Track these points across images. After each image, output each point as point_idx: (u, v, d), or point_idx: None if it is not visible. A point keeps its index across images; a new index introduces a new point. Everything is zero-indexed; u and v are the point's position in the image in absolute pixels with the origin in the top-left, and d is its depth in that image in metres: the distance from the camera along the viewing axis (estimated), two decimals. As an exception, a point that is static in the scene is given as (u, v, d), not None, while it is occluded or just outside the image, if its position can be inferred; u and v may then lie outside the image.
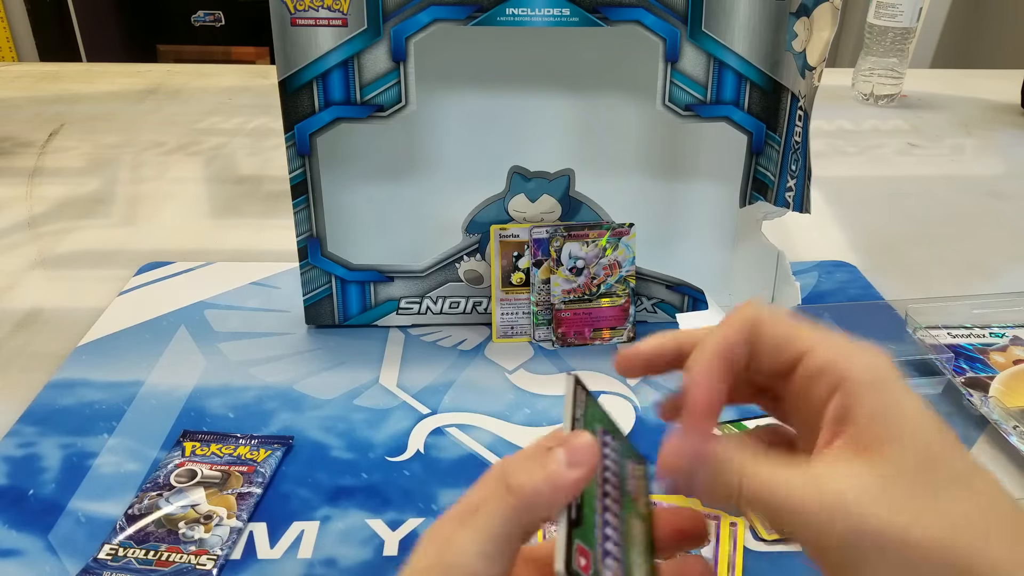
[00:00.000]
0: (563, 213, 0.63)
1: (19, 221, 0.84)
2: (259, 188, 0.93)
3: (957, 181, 0.97)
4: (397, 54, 0.56)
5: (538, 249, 0.62)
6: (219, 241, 0.81)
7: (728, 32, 0.57)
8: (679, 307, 0.66)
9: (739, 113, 0.60)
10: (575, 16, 0.55)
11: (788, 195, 0.61)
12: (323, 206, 0.61)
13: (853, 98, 1.23)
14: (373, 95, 0.57)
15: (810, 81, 0.57)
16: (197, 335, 0.64)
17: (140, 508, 0.47)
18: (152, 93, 1.23)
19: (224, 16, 2.57)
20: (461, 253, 0.64)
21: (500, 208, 0.62)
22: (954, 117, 1.17)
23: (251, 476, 0.49)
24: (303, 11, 0.54)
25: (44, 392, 0.58)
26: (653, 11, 0.56)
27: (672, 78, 0.58)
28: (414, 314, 0.65)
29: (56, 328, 0.66)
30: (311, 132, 0.58)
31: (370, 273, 0.64)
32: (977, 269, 0.77)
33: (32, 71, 1.35)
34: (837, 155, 1.04)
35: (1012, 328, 0.63)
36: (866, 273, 0.75)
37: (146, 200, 0.89)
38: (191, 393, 0.58)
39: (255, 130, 1.09)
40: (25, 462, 0.51)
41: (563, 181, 0.62)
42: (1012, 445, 0.52)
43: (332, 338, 0.65)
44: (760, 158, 0.62)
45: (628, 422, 0.55)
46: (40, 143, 1.04)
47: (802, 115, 0.58)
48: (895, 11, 1.13)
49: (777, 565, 0.44)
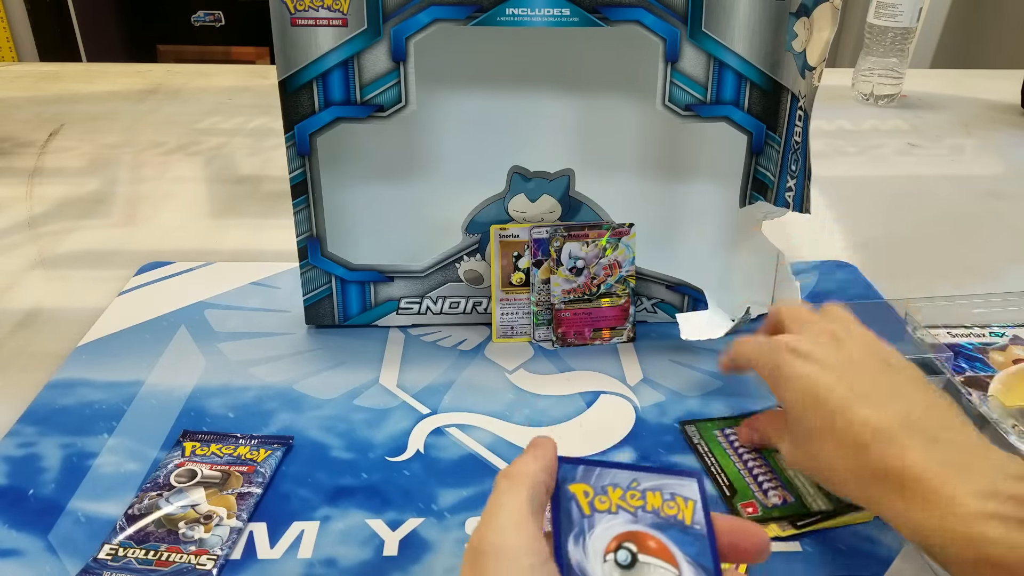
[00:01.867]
0: (563, 213, 0.63)
1: (19, 221, 0.84)
2: (259, 188, 0.93)
3: (957, 181, 0.97)
4: (397, 54, 0.56)
5: (538, 249, 0.62)
6: (219, 241, 0.81)
7: (728, 32, 0.57)
8: (679, 307, 0.66)
9: (739, 113, 0.60)
10: (575, 16, 0.55)
11: (788, 195, 0.61)
12: (323, 206, 0.61)
13: (853, 98, 1.23)
14: (373, 95, 0.57)
15: (810, 81, 0.57)
16: (197, 335, 0.64)
17: (140, 508, 0.47)
18: (152, 93, 1.23)
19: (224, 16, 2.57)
20: (461, 253, 0.64)
21: (500, 208, 0.62)
22: (954, 117, 1.17)
23: (251, 476, 0.49)
24: (303, 11, 0.54)
25: (44, 392, 0.58)
26: (653, 11, 0.56)
27: (672, 78, 0.58)
28: (414, 314, 0.65)
29: (56, 328, 0.66)
30: (311, 132, 0.58)
31: (370, 273, 0.64)
32: (977, 269, 0.77)
33: (32, 71, 1.35)
34: (837, 155, 1.04)
35: (1012, 328, 0.63)
36: (866, 273, 0.75)
37: (146, 200, 0.89)
38: (191, 393, 0.58)
39: (255, 130, 1.09)
40: (25, 462, 0.51)
41: (563, 181, 0.62)
42: (1012, 444, 0.52)
43: (332, 338, 0.65)
44: (760, 158, 0.62)
45: (628, 423, 0.55)
46: (40, 143, 1.04)
47: (802, 115, 0.58)
48: (895, 11, 1.13)
49: (778, 565, 0.44)
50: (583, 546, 0.32)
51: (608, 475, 0.34)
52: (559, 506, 0.33)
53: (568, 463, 0.35)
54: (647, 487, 0.34)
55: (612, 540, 0.32)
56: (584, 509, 0.33)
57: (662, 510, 0.33)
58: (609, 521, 0.33)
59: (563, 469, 0.34)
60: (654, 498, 0.34)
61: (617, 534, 0.32)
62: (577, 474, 0.34)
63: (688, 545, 0.32)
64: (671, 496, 0.34)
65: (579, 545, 0.32)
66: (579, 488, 0.34)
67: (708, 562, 0.32)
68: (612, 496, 0.34)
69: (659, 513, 0.33)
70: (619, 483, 0.34)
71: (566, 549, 0.32)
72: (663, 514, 0.33)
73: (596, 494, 0.34)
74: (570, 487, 0.34)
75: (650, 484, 0.34)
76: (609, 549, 0.32)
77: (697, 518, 0.33)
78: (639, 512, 0.33)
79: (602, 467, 0.34)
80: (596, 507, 0.33)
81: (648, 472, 0.35)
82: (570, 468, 0.35)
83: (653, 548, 0.32)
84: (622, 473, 0.34)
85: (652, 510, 0.33)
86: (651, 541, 0.32)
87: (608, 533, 0.32)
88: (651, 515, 0.33)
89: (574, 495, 0.34)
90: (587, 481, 0.34)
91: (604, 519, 0.33)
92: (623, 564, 0.32)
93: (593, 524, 0.33)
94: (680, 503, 0.34)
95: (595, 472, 0.34)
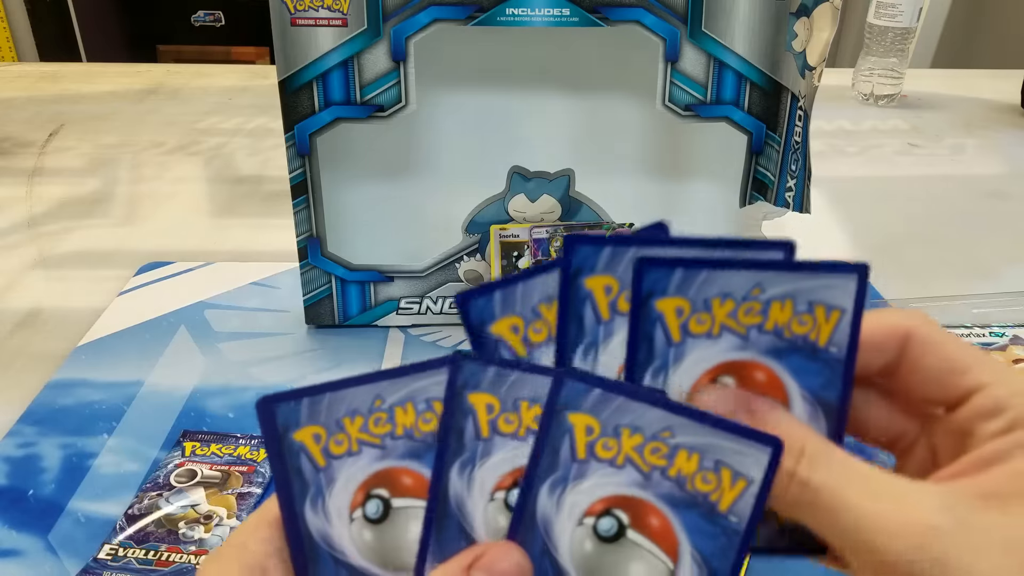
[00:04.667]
0: (563, 213, 0.63)
1: (19, 221, 0.84)
2: (259, 188, 0.93)
3: (957, 181, 0.97)
4: (397, 54, 0.56)
5: (538, 249, 0.62)
6: (219, 241, 0.81)
7: (728, 32, 0.57)
8: (679, 307, 0.66)
9: (739, 113, 0.60)
10: (575, 16, 0.55)
11: (788, 195, 0.61)
12: (323, 206, 0.61)
13: (853, 98, 1.23)
14: (373, 95, 0.57)
15: (810, 81, 0.57)
16: (197, 335, 0.64)
17: (140, 508, 0.47)
18: (152, 93, 1.23)
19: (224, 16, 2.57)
20: (461, 253, 0.64)
21: (500, 208, 0.62)
22: (954, 117, 1.17)
23: (251, 476, 0.49)
24: (303, 11, 0.54)
25: (44, 392, 0.58)
26: (653, 11, 0.56)
27: (672, 78, 0.58)
28: (414, 314, 0.65)
29: (56, 328, 0.66)
30: (311, 132, 0.58)
31: (370, 273, 0.64)
32: (977, 269, 0.77)
33: (32, 71, 1.35)
34: (837, 155, 1.04)
35: (1012, 328, 0.63)
36: (866, 273, 0.75)
37: (146, 200, 0.89)
38: (191, 393, 0.58)
39: (255, 130, 1.09)
40: (25, 462, 0.51)
41: (563, 181, 0.62)
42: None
43: (332, 338, 0.65)
44: (760, 158, 0.62)
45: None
46: (40, 143, 1.04)
47: (802, 115, 0.58)
48: (895, 11, 1.13)
49: (782, 564, 0.44)
50: (323, 509, 0.24)
51: (342, 400, 0.24)
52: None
53: (282, 398, 0.24)
54: (393, 401, 0.24)
55: (358, 491, 0.24)
56: (319, 462, 0.24)
57: (416, 428, 0.24)
58: (351, 467, 0.24)
59: (283, 410, 0.24)
60: (405, 415, 0.24)
61: (362, 482, 0.24)
62: (302, 413, 0.24)
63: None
64: (426, 403, 0.23)
65: (317, 509, 0.24)
66: (307, 433, 0.24)
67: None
68: (351, 429, 0.24)
69: (413, 434, 0.24)
70: (357, 408, 0.24)
71: (301, 517, 0.23)
72: (418, 434, 0.24)
73: (331, 434, 0.24)
74: (295, 435, 0.24)
75: (396, 396, 0.23)
76: (356, 504, 0.24)
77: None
78: (387, 440, 0.24)
79: (329, 390, 0.23)
80: (332, 452, 0.24)
81: (392, 377, 0.23)
82: (291, 408, 0.24)
83: (409, 486, 0.24)
84: (360, 391, 0.23)
85: (405, 432, 0.24)
86: (406, 477, 0.24)
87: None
88: (403, 440, 0.24)
89: (303, 445, 0.24)
90: (316, 419, 0.24)
91: (344, 466, 0.24)
92: (375, 518, 0.24)
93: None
94: (438, 408, 0.23)
95: (323, 400, 0.24)
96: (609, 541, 0.23)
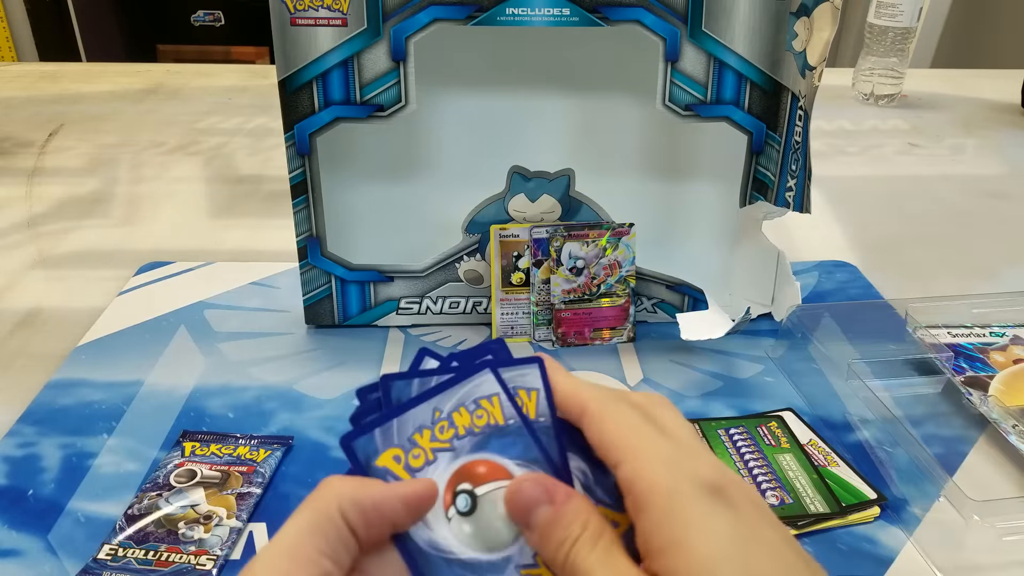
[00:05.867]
0: (563, 213, 0.63)
1: (19, 221, 0.84)
2: (259, 188, 0.93)
3: (957, 181, 0.97)
4: (397, 54, 0.56)
5: (538, 249, 0.62)
6: (219, 241, 0.81)
7: (728, 32, 0.57)
8: (679, 307, 0.66)
9: (739, 113, 0.60)
10: (575, 16, 0.55)
11: (788, 195, 0.61)
12: (323, 206, 0.61)
13: (853, 98, 1.23)
14: (373, 95, 0.57)
15: (810, 81, 0.57)
16: (197, 335, 0.64)
17: (140, 508, 0.47)
18: (152, 93, 1.23)
19: (224, 16, 2.57)
20: (461, 253, 0.63)
21: (500, 208, 0.62)
22: (954, 117, 1.17)
23: (251, 476, 0.49)
24: (303, 11, 0.54)
25: (44, 392, 0.58)
26: (653, 11, 0.56)
27: (672, 78, 0.58)
28: (414, 314, 0.65)
29: (56, 328, 0.66)
30: (311, 132, 0.58)
31: (370, 273, 0.64)
32: (977, 269, 0.77)
33: (32, 71, 1.35)
34: (837, 155, 1.04)
35: (1012, 328, 0.63)
36: (866, 273, 0.75)
37: (146, 200, 0.89)
38: (191, 393, 0.58)
39: (255, 130, 1.09)
40: (25, 462, 0.51)
41: (563, 181, 0.62)
42: (1011, 444, 0.52)
43: (332, 338, 0.65)
44: (760, 158, 0.62)
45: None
46: (40, 143, 1.04)
47: (802, 115, 0.58)
48: (895, 11, 1.13)
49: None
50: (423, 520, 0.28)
51: (408, 420, 0.29)
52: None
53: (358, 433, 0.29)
54: (450, 409, 0.29)
55: (446, 493, 0.28)
56: (403, 478, 0.28)
57: (474, 425, 0.29)
58: (433, 474, 0.28)
59: (360, 443, 0.29)
60: (461, 418, 0.29)
61: (447, 483, 0.28)
62: (377, 442, 0.29)
63: (510, 447, 0.29)
64: (474, 403, 0.29)
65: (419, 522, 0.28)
66: (387, 457, 0.28)
67: (535, 452, 0.29)
68: (423, 443, 0.29)
69: (473, 431, 0.29)
70: (423, 423, 0.29)
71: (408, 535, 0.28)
72: (477, 429, 0.29)
73: (407, 451, 0.29)
74: (377, 461, 0.28)
75: (451, 404, 0.29)
76: (448, 504, 0.28)
77: (507, 411, 0.29)
78: (455, 442, 0.29)
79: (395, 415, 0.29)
80: (413, 466, 0.28)
81: (443, 390, 0.29)
82: (366, 440, 0.29)
83: (484, 474, 0.28)
84: (420, 408, 0.29)
85: (467, 431, 0.29)
86: (480, 467, 0.28)
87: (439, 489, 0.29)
88: (467, 438, 0.29)
89: (387, 469, 0.28)
90: (390, 442, 0.29)
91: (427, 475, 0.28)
92: (466, 511, 0.28)
93: None
94: (486, 405, 0.29)
95: (392, 426, 0.29)
96: (473, 511, 0.28)
